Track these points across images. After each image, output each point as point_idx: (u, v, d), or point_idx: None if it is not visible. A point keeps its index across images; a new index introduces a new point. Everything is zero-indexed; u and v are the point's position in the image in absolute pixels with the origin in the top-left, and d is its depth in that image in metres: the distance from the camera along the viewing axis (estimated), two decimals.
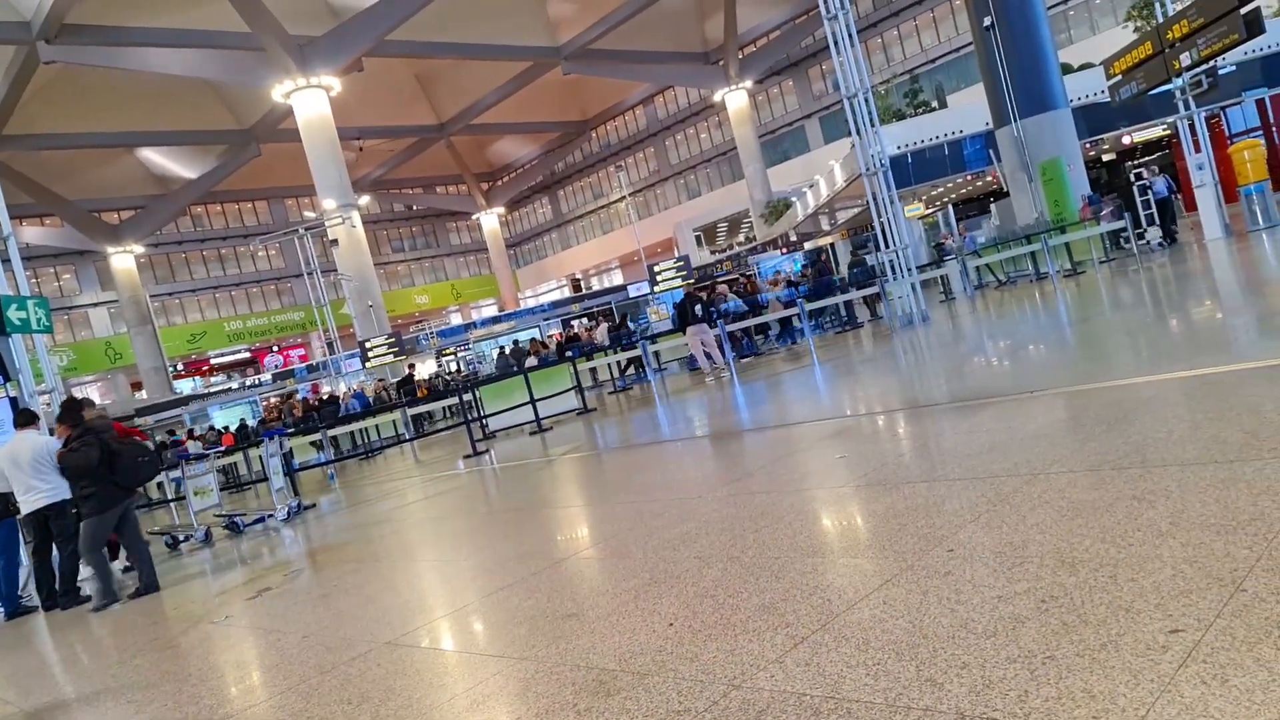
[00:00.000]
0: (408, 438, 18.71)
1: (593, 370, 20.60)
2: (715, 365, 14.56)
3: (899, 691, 2.19)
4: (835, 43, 14.84)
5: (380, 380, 31.09)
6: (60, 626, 7.04)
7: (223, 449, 17.72)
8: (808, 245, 37.71)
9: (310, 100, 34.47)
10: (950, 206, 33.22)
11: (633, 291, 44.52)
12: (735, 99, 48.78)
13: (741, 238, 54.71)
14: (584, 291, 57.17)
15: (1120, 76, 17.14)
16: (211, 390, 47.76)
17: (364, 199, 47.02)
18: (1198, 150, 15.48)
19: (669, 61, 49.83)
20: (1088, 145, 25.99)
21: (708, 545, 4.09)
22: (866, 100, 14.82)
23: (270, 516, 10.42)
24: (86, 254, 49.39)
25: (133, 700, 4.16)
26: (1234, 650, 1.97)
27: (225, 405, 37.17)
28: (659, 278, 31.81)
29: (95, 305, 51.81)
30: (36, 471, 7.71)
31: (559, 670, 2.98)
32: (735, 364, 15.06)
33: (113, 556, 8.48)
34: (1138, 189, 17.58)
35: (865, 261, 20.45)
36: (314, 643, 4.26)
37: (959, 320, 14.23)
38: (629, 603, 3.54)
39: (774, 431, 7.59)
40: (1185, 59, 14.74)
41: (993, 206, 29.40)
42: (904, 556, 3.21)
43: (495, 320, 48.38)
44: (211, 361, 55.41)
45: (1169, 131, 26.73)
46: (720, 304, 18.24)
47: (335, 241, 34.04)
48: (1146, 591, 2.39)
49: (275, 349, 57.30)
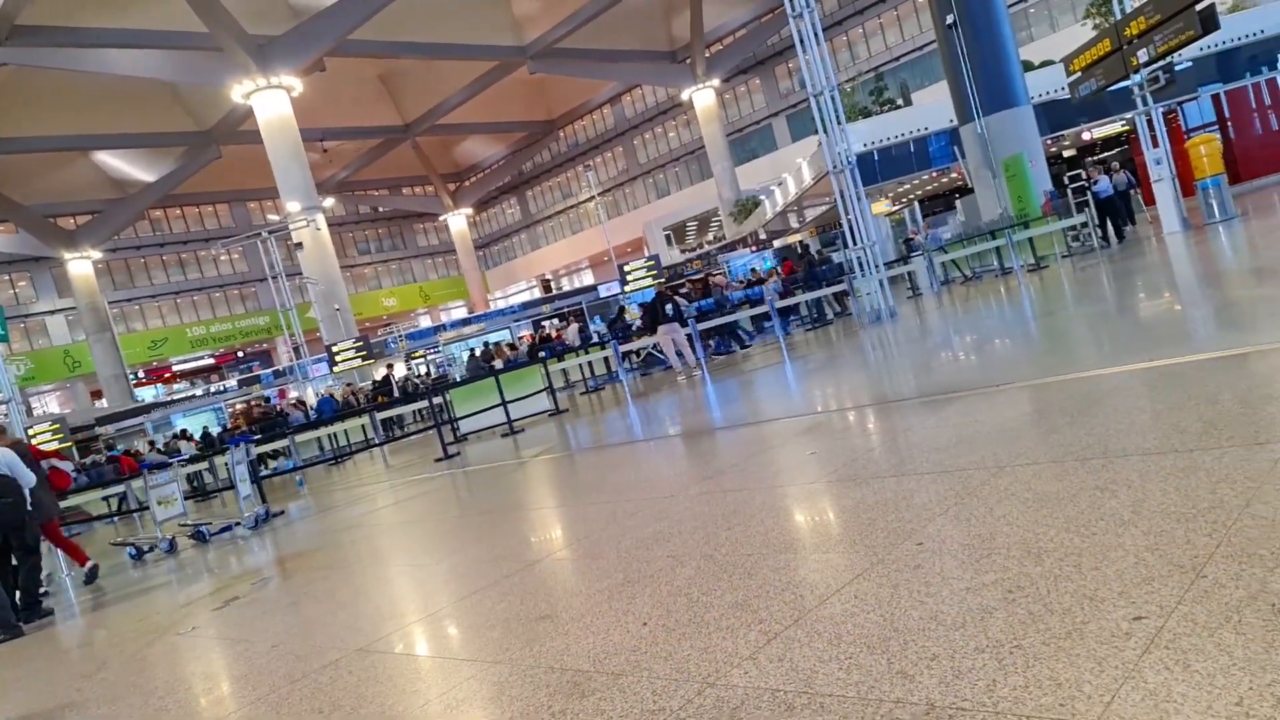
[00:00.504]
0: (377, 442, 18.55)
1: (564, 371, 20.55)
2: (687, 364, 14.59)
3: (871, 685, 2.21)
4: (801, 41, 14.92)
5: (349, 385, 30.84)
6: (22, 641, 6.90)
7: (185, 458, 17.46)
8: (776, 243, 37.91)
9: (271, 101, 34.06)
10: (916, 203, 33.56)
11: (603, 291, 44.48)
12: (703, 97, 48.92)
13: (711, 236, 54.86)
14: (554, 292, 57.04)
15: (1080, 73, 17.40)
16: (174, 398, 47.06)
17: (329, 201, 46.54)
18: (1155, 145, 15.75)
19: (636, 60, 49.86)
20: (1049, 141, 26.40)
21: (681, 544, 4.10)
22: (832, 98, 14.92)
23: (237, 525, 10.29)
24: (42, 260, 48.47)
25: (98, 714, 4.09)
26: (1196, 636, 2.01)
27: (189, 412, 36.65)
28: (629, 277, 31.80)
29: (53, 313, 50.84)
30: None
31: (533, 673, 2.98)
32: (707, 362, 15.10)
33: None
34: (1090, 188, 17.87)
35: (831, 259, 20.64)
36: (283, 651, 4.22)
37: (926, 316, 14.37)
38: (603, 603, 3.54)
39: (745, 429, 7.62)
40: (1143, 55, 14.99)
41: (958, 203, 29.76)
42: (874, 551, 3.24)
43: (465, 322, 48.13)
44: (174, 368, 54.59)
45: (1128, 127, 27.20)
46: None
47: (300, 245, 33.68)
48: (1110, 580, 2.43)
49: (240, 354, 56.64)
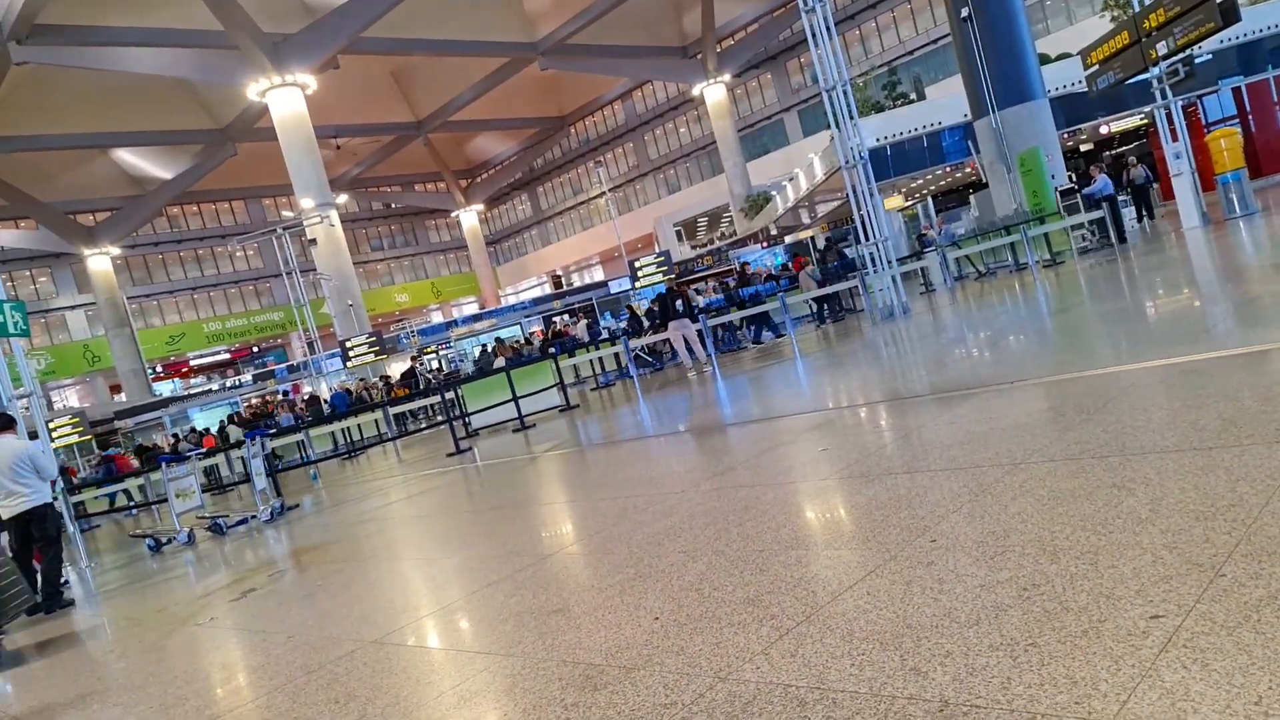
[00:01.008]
0: (390, 437, 18.64)
1: (574, 367, 20.58)
2: (698, 360, 14.58)
3: (883, 681, 2.21)
4: (813, 35, 14.86)
5: (361, 380, 30.97)
6: (44, 630, 6.97)
7: (203, 450, 17.59)
8: (788, 239, 37.80)
9: (286, 99, 34.20)
10: (930, 198, 33.39)
11: (614, 288, 44.49)
12: (714, 93, 48.78)
13: (722, 232, 54.75)
14: (565, 288, 57.08)
15: (1097, 66, 17.25)
16: (191, 392, 47.39)
17: (342, 198, 46.77)
18: (1175, 139, 15.61)
19: (646, 56, 49.77)
20: (1066, 135, 26.19)
21: (692, 539, 4.10)
22: (845, 93, 14.86)
23: (253, 518, 10.36)
24: (63, 256, 48.86)
25: (119, 702, 4.13)
26: (1214, 635, 2.00)
27: (205, 407, 36.90)
28: (640, 273, 31.77)
29: (72, 308, 51.27)
30: (17, 476, 7.65)
31: (546, 666, 2.98)
32: (717, 358, 15.09)
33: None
34: (1079, 189, 17.74)
35: (844, 254, 20.53)
36: (299, 643, 4.25)
37: (939, 312, 14.30)
38: (615, 598, 3.54)
39: (757, 425, 7.61)
40: (1162, 48, 14.85)
41: (972, 198, 29.58)
42: (887, 547, 3.23)
43: (476, 318, 48.23)
44: (191, 363, 54.96)
45: (1146, 121, 26.95)
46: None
47: (314, 241, 33.82)
48: (1127, 578, 2.41)
49: (255, 349, 56.97)
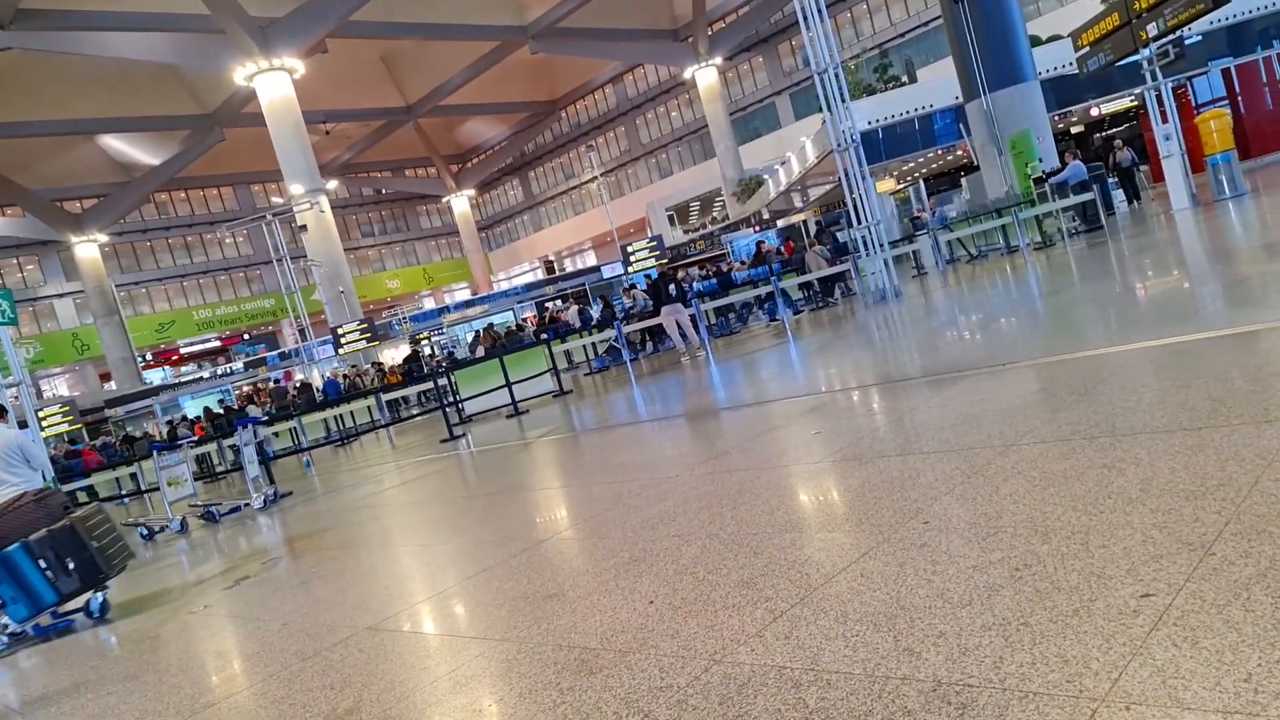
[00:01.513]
0: (383, 423, 18.62)
1: (567, 352, 20.55)
2: (691, 344, 14.59)
3: (877, 662, 2.22)
4: (804, 18, 14.80)
5: (354, 366, 30.90)
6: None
7: (195, 438, 17.55)
8: (780, 222, 37.77)
9: (273, 83, 33.95)
10: (922, 181, 33.36)
11: (606, 272, 44.40)
12: (705, 76, 48.59)
13: (714, 216, 54.67)
14: (558, 273, 56.96)
15: (1088, 48, 17.25)
16: (182, 380, 47.22)
17: (332, 183, 46.45)
18: (1165, 121, 15.62)
19: (638, 39, 49.52)
20: (1056, 118, 26.17)
21: (686, 523, 4.11)
22: (836, 76, 14.81)
23: (246, 505, 10.35)
24: (50, 244, 48.53)
25: (113, 691, 4.13)
26: (1204, 613, 2.02)
27: (196, 395, 36.78)
28: (633, 258, 31.73)
29: (60, 296, 50.95)
30: (7, 465, 7.60)
31: (541, 650, 3.00)
32: (711, 343, 15.10)
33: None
34: (1046, 176, 17.77)
35: (835, 237, 20.54)
36: (294, 630, 4.25)
37: (931, 295, 14.33)
38: (609, 582, 3.55)
39: (750, 409, 7.62)
40: (1152, 29, 14.85)
41: (963, 181, 29.57)
42: (880, 529, 3.25)
43: (468, 304, 48.11)
44: (181, 351, 54.73)
45: (1136, 102, 26.96)
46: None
47: (304, 227, 33.65)
48: (1118, 557, 2.43)
49: (246, 336, 56.76)
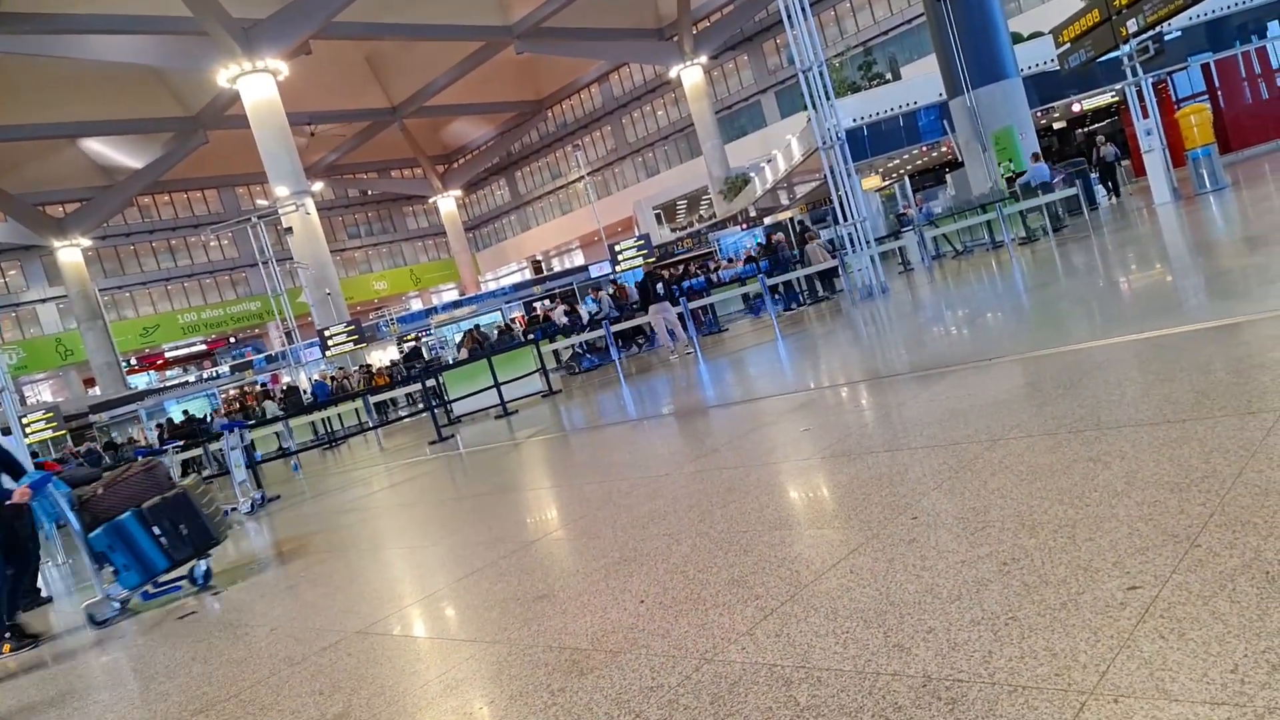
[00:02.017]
0: (371, 426, 18.56)
1: (555, 352, 20.52)
2: (679, 343, 14.59)
3: (867, 658, 2.23)
4: (789, 16, 14.83)
5: (341, 369, 30.80)
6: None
7: (180, 443, 17.41)
8: (767, 220, 37.82)
9: (257, 85, 33.75)
10: (907, 178, 33.49)
11: (594, 272, 44.38)
12: (691, 75, 48.60)
13: (701, 214, 54.71)
14: (545, 273, 56.88)
15: (1069, 44, 17.36)
16: (167, 384, 46.92)
17: (317, 185, 46.27)
18: (1145, 116, 15.73)
19: (623, 38, 49.49)
20: (1039, 114, 26.32)
21: (676, 522, 4.11)
22: (821, 74, 14.84)
23: (233, 510, 10.29)
24: (32, 249, 48.11)
25: (99, 700, 4.10)
26: (1190, 604, 2.03)
27: (182, 399, 36.54)
28: (620, 257, 31.71)
29: (43, 301, 50.54)
30: None
31: (531, 652, 2.99)
32: (698, 341, 15.11)
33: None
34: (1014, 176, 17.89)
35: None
36: (282, 635, 4.23)
37: (917, 291, 14.38)
38: (600, 582, 3.55)
39: (739, 407, 7.63)
40: (1132, 25, 14.95)
41: (948, 177, 29.69)
42: (869, 526, 3.26)
43: (456, 305, 47.98)
44: (166, 355, 54.39)
45: (1118, 98, 27.14)
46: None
47: (290, 229, 33.49)
48: (1104, 550, 2.44)
49: (232, 340, 56.46)
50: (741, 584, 3.02)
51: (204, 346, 55.79)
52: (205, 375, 47.03)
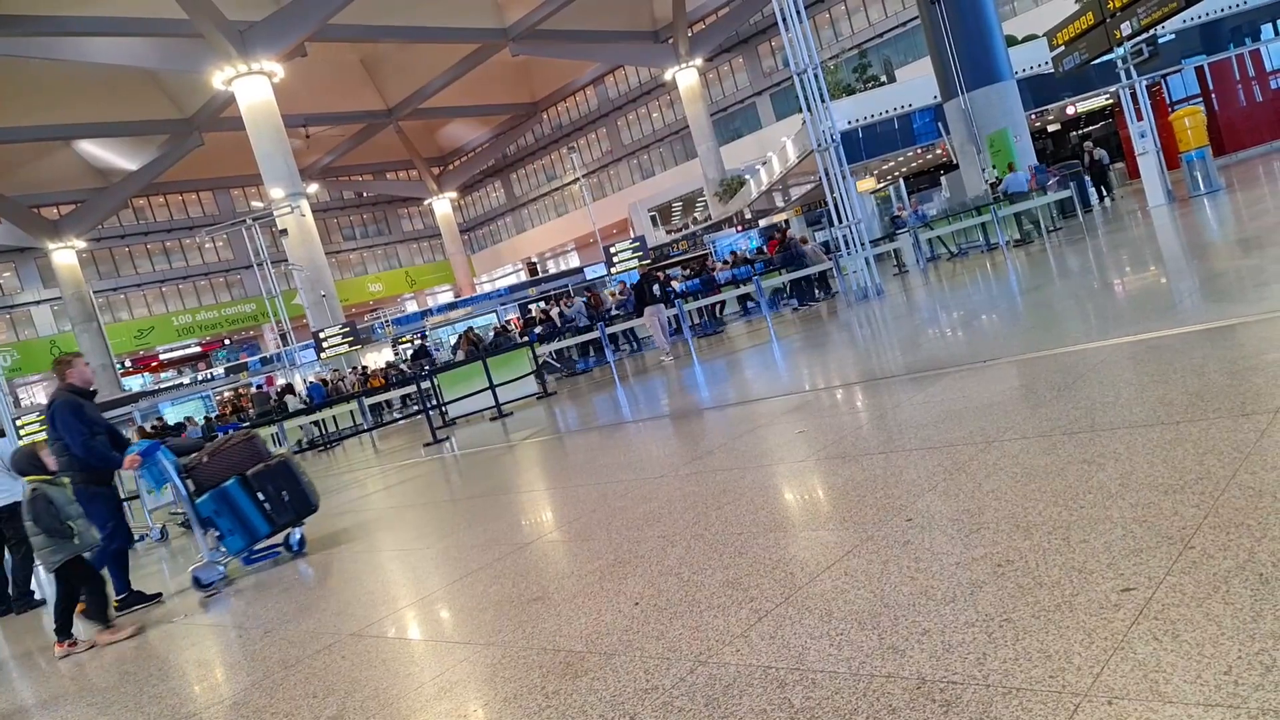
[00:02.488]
0: (366, 427, 18.52)
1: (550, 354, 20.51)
2: (658, 346, 14.60)
3: (862, 660, 2.22)
4: (784, 19, 14.84)
5: (335, 370, 30.75)
6: (14, 630, 6.88)
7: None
8: (762, 222, 37.87)
9: (252, 87, 33.72)
10: (902, 180, 33.54)
11: (589, 274, 44.38)
12: (686, 77, 48.63)
13: (696, 216, 54.73)
14: (541, 275, 56.86)
15: (1063, 47, 17.40)
16: (162, 386, 46.79)
17: (312, 187, 46.19)
18: (1140, 118, 15.77)
19: (618, 40, 49.49)
20: (1033, 116, 26.38)
21: (671, 524, 4.11)
22: (816, 76, 14.86)
23: None
24: (26, 251, 47.99)
25: (93, 703, 4.09)
26: (1184, 606, 2.03)
27: (177, 401, 36.46)
28: (615, 259, 31.74)
29: (38, 303, 50.41)
30: None
31: (526, 654, 2.98)
32: (694, 342, 15.12)
33: None
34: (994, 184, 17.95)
35: (797, 242, 20.67)
36: (277, 637, 4.22)
37: (912, 293, 14.39)
38: (594, 584, 3.55)
39: (734, 409, 7.63)
40: (1126, 28, 15.00)
41: (943, 179, 29.75)
42: (864, 527, 3.26)
43: (451, 306, 47.95)
44: (161, 357, 54.24)
45: (1112, 100, 27.21)
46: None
47: (285, 231, 33.45)
48: (1098, 552, 2.44)
49: (227, 342, 56.33)
50: (736, 586, 3.02)
51: (199, 349, 55.63)
52: (200, 378, 46.90)
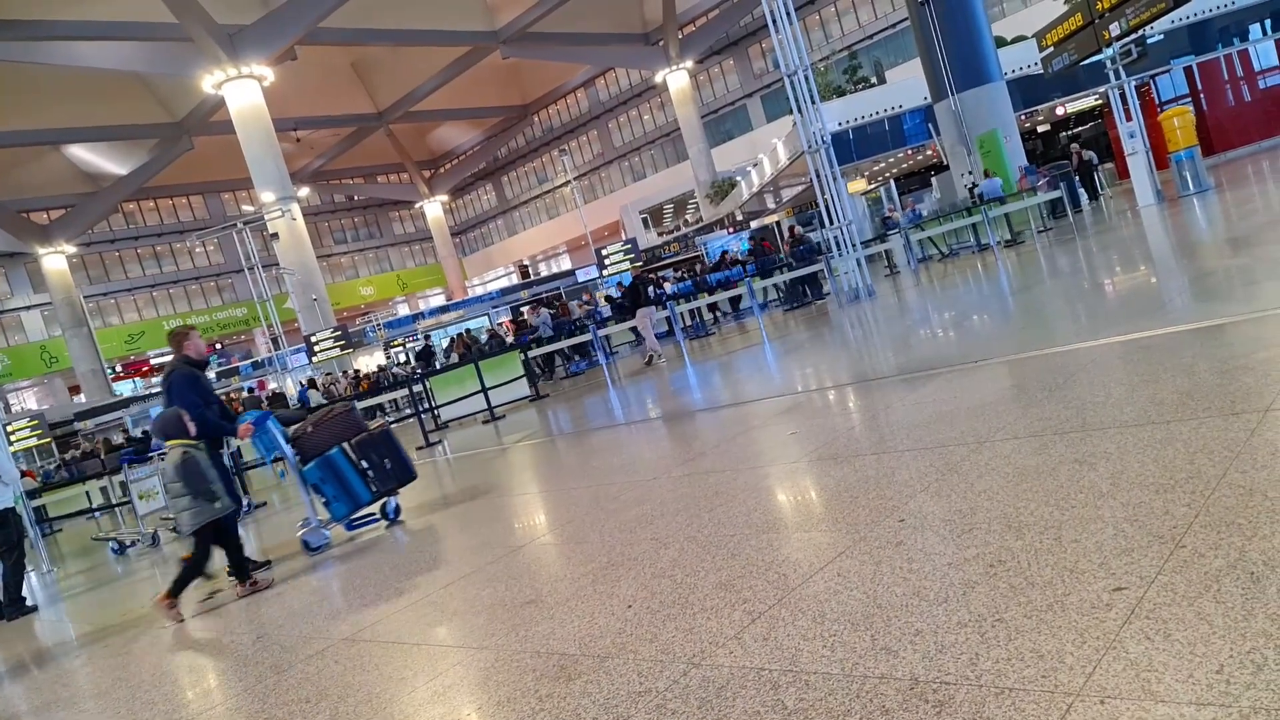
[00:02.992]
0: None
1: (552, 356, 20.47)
2: (650, 348, 14.59)
3: (855, 661, 2.22)
4: (774, 20, 14.87)
5: (328, 374, 30.67)
6: (6, 637, 6.84)
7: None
8: (754, 224, 37.91)
9: (243, 91, 33.61)
10: (892, 181, 33.61)
11: (581, 276, 44.37)
12: (676, 79, 48.66)
13: (688, 218, 54.76)
14: (532, 278, 56.80)
15: (1052, 48, 17.45)
16: (153, 391, 46.55)
17: (303, 191, 46.04)
18: (1129, 119, 15.83)
19: (609, 43, 49.48)
20: (1023, 117, 26.47)
21: (664, 526, 4.11)
22: (806, 78, 14.89)
23: None
24: (16, 256, 47.70)
25: (85, 709, 4.07)
26: (1176, 605, 2.03)
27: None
28: (607, 261, 31.72)
29: (28, 308, 50.12)
30: None
31: (519, 657, 2.98)
32: (686, 344, 15.12)
33: None
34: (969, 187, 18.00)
35: (809, 239, 20.62)
36: (269, 642, 4.20)
37: (904, 294, 14.42)
38: (587, 587, 3.54)
39: (726, 411, 7.63)
40: (1115, 29, 15.05)
41: (933, 180, 29.81)
42: (857, 528, 3.26)
43: (443, 309, 47.85)
44: (152, 362, 53.97)
45: (1101, 101, 27.31)
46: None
47: (275, 235, 33.34)
48: (1090, 551, 2.45)
49: (219, 346, 56.09)
50: (729, 588, 3.02)
51: None
52: None
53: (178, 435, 5.59)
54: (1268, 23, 25.35)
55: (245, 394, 33.19)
